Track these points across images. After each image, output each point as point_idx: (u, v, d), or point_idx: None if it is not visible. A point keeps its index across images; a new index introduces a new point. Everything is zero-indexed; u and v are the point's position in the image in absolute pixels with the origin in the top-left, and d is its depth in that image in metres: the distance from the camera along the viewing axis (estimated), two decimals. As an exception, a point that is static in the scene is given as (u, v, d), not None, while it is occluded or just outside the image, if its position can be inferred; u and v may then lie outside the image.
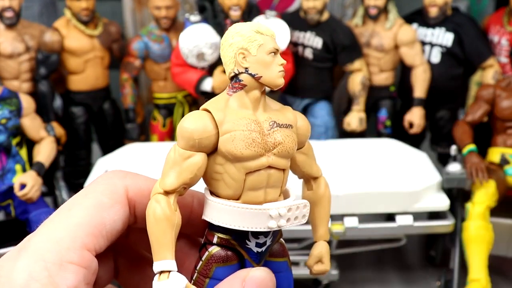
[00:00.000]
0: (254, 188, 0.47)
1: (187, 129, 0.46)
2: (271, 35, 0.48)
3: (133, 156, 1.70)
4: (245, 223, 0.46)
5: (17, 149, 1.64)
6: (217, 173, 0.47)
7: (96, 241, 0.45)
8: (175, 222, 0.46)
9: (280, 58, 0.48)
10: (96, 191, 0.47)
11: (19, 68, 1.79)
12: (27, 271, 0.41)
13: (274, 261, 0.50)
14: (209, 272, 0.47)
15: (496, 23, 1.97)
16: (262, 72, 0.47)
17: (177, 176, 0.46)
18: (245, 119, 0.46)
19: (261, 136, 0.46)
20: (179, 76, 1.84)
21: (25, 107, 1.64)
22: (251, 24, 0.48)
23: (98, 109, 1.96)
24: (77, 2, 1.83)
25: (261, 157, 0.46)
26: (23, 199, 1.54)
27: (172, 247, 0.45)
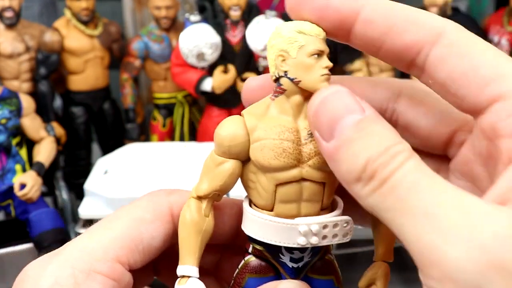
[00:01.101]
0: (286, 201, 0.44)
1: (219, 135, 0.44)
2: (315, 35, 0.43)
3: (133, 156, 1.70)
4: (274, 237, 0.44)
5: (17, 149, 1.64)
6: (251, 181, 0.45)
7: (131, 255, 0.44)
8: (202, 228, 0.45)
9: (325, 60, 0.43)
10: (138, 206, 0.46)
11: (19, 68, 1.79)
12: (54, 276, 0.41)
13: (317, 279, 0.47)
14: (242, 281, 0.46)
15: (496, 23, 1.97)
16: (301, 76, 0.43)
17: (208, 182, 0.45)
18: (279, 126, 0.43)
19: (294, 146, 0.43)
20: (179, 76, 1.84)
21: (25, 107, 1.64)
22: (295, 23, 0.44)
23: (98, 109, 1.96)
24: (77, 2, 1.83)
25: (293, 169, 0.43)
26: (23, 199, 1.54)
27: (195, 252, 0.44)
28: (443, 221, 0.33)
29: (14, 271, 0.44)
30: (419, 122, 0.46)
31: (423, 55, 0.40)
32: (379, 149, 0.36)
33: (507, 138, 0.36)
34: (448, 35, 0.40)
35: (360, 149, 0.37)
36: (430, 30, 0.40)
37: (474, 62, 0.38)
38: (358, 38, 0.42)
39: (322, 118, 0.39)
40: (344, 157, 0.38)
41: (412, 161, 0.36)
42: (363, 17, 0.41)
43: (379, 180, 0.36)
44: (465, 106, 0.40)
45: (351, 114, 0.38)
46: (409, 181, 0.35)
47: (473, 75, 0.38)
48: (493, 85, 0.37)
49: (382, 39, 0.41)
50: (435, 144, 0.46)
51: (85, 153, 1.97)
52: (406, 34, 0.40)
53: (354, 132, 0.37)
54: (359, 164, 0.37)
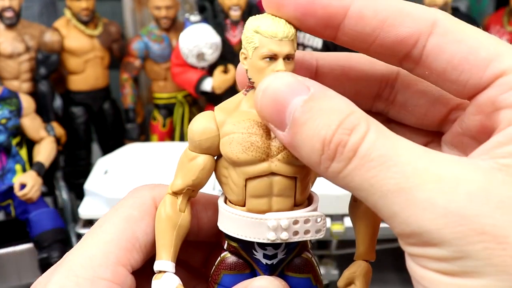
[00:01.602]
0: (256, 196, 0.43)
1: (191, 130, 0.44)
2: (271, 36, 0.41)
3: (133, 156, 1.70)
4: (245, 232, 0.43)
5: (17, 149, 1.64)
6: (224, 176, 0.45)
7: (130, 255, 0.44)
8: (177, 223, 0.45)
9: (279, 64, 0.41)
10: (125, 205, 0.46)
11: (19, 68, 1.79)
12: (59, 286, 0.41)
13: (293, 277, 0.46)
14: (218, 278, 0.46)
15: (496, 23, 1.97)
16: (254, 78, 0.42)
17: (182, 177, 0.45)
18: (248, 120, 0.42)
19: (263, 140, 0.42)
20: (179, 76, 1.84)
21: (25, 107, 1.64)
22: (257, 20, 0.42)
23: (98, 109, 1.96)
24: (77, 2, 1.83)
25: (261, 163, 0.42)
26: (23, 199, 1.55)
27: (171, 248, 0.44)
28: (417, 194, 0.33)
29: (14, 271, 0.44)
30: (417, 101, 0.45)
31: (419, 46, 0.40)
32: (332, 126, 0.35)
33: (507, 108, 0.36)
34: (441, 24, 0.39)
35: (314, 129, 0.36)
36: (423, 21, 0.39)
37: (472, 46, 0.38)
38: (347, 35, 0.41)
39: (269, 109, 0.38)
40: (301, 142, 0.37)
41: (373, 131, 0.35)
42: (353, 12, 0.40)
43: (343, 159, 0.35)
44: (466, 92, 0.39)
45: (297, 96, 0.37)
46: (375, 156, 0.34)
47: (473, 58, 0.38)
48: (494, 64, 0.37)
49: (375, 34, 0.40)
50: (431, 122, 0.46)
51: (85, 153, 1.97)
52: (400, 27, 0.39)
53: (303, 114, 0.36)
54: (316, 146, 0.36)
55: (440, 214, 0.32)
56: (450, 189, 0.32)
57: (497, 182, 0.33)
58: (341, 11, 0.40)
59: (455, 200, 0.32)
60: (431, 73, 0.40)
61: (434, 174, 0.33)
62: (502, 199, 0.32)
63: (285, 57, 0.42)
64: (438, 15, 0.40)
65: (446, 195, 0.32)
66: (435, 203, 0.32)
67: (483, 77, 0.38)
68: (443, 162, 0.34)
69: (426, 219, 0.33)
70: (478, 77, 0.38)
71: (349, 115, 0.35)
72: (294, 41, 0.42)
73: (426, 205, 0.33)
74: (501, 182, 0.33)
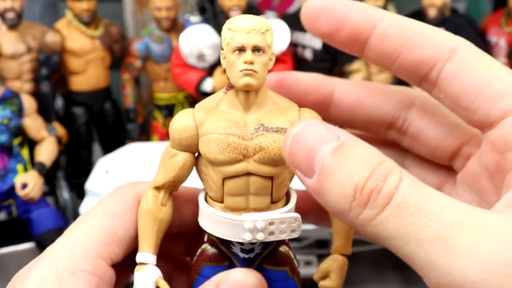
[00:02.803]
0: (233, 194, 0.44)
1: (171, 127, 0.45)
2: (239, 30, 0.42)
3: (133, 156, 1.71)
4: (223, 232, 0.45)
5: (18, 149, 1.65)
6: (203, 173, 0.46)
7: (110, 249, 0.45)
8: (159, 217, 0.46)
9: (246, 55, 0.42)
10: (107, 201, 0.48)
11: (21, 68, 1.80)
12: (39, 278, 0.42)
13: (270, 269, 0.47)
14: (198, 269, 0.47)
15: (495, 24, 1.97)
16: (229, 73, 0.44)
17: (163, 173, 0.46)
18: (226, 121, 0.43)
19: (240, 141, 0.43)
20: (180, 77, 1.85)
21: (26, 108, 1.65)
22: (230, 20, 0.44)
23: (99, 109, 1.97)
24: (78, 3, 1.84)
25: (238, 163, 0.43)
26: (24, 198, 1.55)
27: (152, 241, 0.46)
28: (458, 242, 0.32)
29: (16, 270, 0.45)
30: (429, 132, 0.46)
31: (436, 69, 0.41)
32: (366, 172, 0.35)
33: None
34: (461, 52, 0.40)
35: (345, 176, 0.35)
36: (444, 46, 0.41)
37: (487, 77, 0.39)
38: (373, 51, 0.43)
39: (298, 155, 0.38)
40: (330, 188, 0.36)
41: (406, 179, 0.35)
42: (379, 31, 0.42)
43: (377, 206, 0.34)
44: (476, 119, 0.40)
45: (327, 143, 0.37)
46: (412, 204, 0.33)
47: (486, 89, 0.39)
48: (505, 99, 0.38)
49: (397, 53, 0.42)
50: (442, 154, 0.47)
51: (86, 153, 1.98)
52: (421, 49, 0.41)
53: (333, 161, 0.36)
54: (347, 193, 0.35)
55: (484, 264, 0.31)
56: (493, 238, 0.32)
57: None
58: (368, 28, 0.42)
59: (500, 249, 0.31)
60: (446, 97, 0.41)
61: (474, 222, 0.32)
62: None
63: (254, 49, 0.42)
64: (460, 43, 0.41)
65: (489, 244, 0.31)
66: (479, 252, 0.31)
67: (493, 109, 0.38)
68: (480, 213, 0.33)
69: (469, 268, 0.31)
70: (489, 108, 0.39)
71: (381, 162, 0.35)
72: (265, 34, 0.43)
73: (469, 254, 0.31)
74: None
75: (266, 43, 0.43)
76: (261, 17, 0.44)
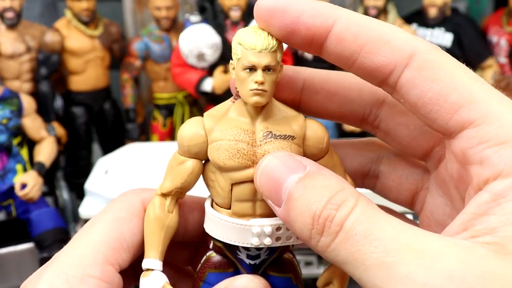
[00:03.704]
0: (241, 200, 0.45)
1: (180, 135, 0.46)
2: (251, 49, 0.43)
3: (133, 156, 1.70)
4: (230, 237, 0.45)
5: (18, 149, 1.64)
6: (211, 180, 0.46)
7: (118, 255, 0.45)
8: (165, 224, 0.46)
9: (257, 75, 0.43)
10: (113, 207, 0.48)
11: (20, 68, 1.80)
12: (49, 284, 0.42)
13: (275, 276, 0.48)
14: (203, 275, 0.47)
15: (495, 24, 1.97)
16: (239, 87, 0.45)
17: (170, 180, 0.47)
18: (236, 128, 0.44)
19: (249, 147, 0.44)
20: (179, 77, 1.85)
21: (26, 107, 1.65)
22: (241, 32, 0.44)
23: (98, 109, 1.96)
24: (77, 2, 1.84)
25: (247, 169, 0.44)
26: (24, 199, 1.55)
27: (159, 247, 0.46)
28: (397, 269, 0.33)
29: (15, 270, 0.45)
30: (400, 132, 0.47)
31: (395, 76, 0.40)
32: (322, 201, 0.36)
33: (477, 165, 0.37)
34: (419, 57, 0.39)
35: (306, 205, 0.37)
36: (401, 51, 0.40)
37: (444, 87, 0.38)
38: (330, 54, 0.42)
39: (267, 186, 0.40)
40: (294, 217, 0.38)
41: (359, 208, 0.36)
42: (333, 35, 0.41)
43: (330, 234, 0.36)
44: (435, 128, 0.40)
45: (293, 174, 0.39)
46: (359, 231, 0.35)
47: (443, 101, 0.38)
48: (463, 111, 0.37)
49: (353, 58, 0.41)
50: (415, 153, 0.47)
51: (85, 153, 1.98)
52: (377, 55, 0.40)
53: (297, 191, 0.38)
54: (307, 221, 0.37)
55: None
56: (429, 265, 0.33)
57: (478, 257, 0.33)
58: (323, 32, 0.41)
59: (434, 277, 0.32)
60: (405, 103, 0.41)
61: (414, 249, 0.33)
62: (482, 274, 0.32)
63: (264, 68, 0.43)
64: (419, 47, 0.40)
65: (425, 272, 0.32)
66: (415, 279, 0.32)
67: (450, 120, 0.38)
68: (424, 238, 0.34)
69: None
70: (446, 120, 0.38)
71: (339, 191, 0.37)
72: (276, 52, 0.43)
73: (406, 280, 0.33)
74: (483, 257, 0.33)
75: (276, 61, 0.44)
76: (268, 35, 0.43)
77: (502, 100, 0.37)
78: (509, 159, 0.35)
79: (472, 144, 0.37)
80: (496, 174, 0.35)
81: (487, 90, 0.38)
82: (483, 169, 0.36)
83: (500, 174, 0.35)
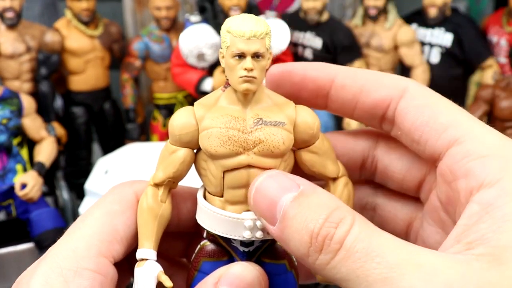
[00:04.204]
0: (234, 187, 0.45)
1: (171, 124, 0.46)
2: (240, 36, 0.44)
3: (133, 156, 1.70)
4: (222, 229, 0.46)
5: (18, 149, 1.65)
6: (202, 168, 0.47)
7: (112, 247, 0.45)
8: (159, 213, 0.47)
9: (246, 62, 0.44)
10: (106, 200, 0.48)
11: (20, 68, 1.80)
12: (44, 277, 0.42)
13: (269, 263, 0.48)
14: (197, 265, 0.48)
15: (495, 24, 1.97)
16: (229, 76, 0.45)
17: (163, 169, 0.47)
18: (226, 115, 0.45)
19: (240, 134, 0.44)
20: (180, 77, 1.85)
21: (26, 107, 1.65)
22: (229, 20, 0.45)
23: (98, 109, 1.96)
24: (77, 2, 1.84)
25: (238, 156, 0.44)
26: (24, 199, 1.55)
27: (153, 237, 0.46)
28: (401, 283, 0.34)
29: (15, 270, 0.45)
30: (395, 166, 0.50)
31: (392, 108, 0.46)
32: (320, 220, 0.37)
33: (462, 178, 0.39)
34: (411, 90, 0.45)
35: (302, 223, 0.38)
36: (396, 86, 0.46)
37: (434, 111, 0.43)
38: (335, 102, 0.48)
39: (261, 205, 0.41)
40: (290, 235, 0.39)
41: (357, 225, 0.37)
42: (337, 83, 0.47)
43: (330, 251, 0.37)
44: (427, 153, 0.43)
45: (287, 193, 0.40)
46: (360, 248, 0.36)
47: (432, 122, 0.43)
48: (449, 131, 0.41)
49: (355, 99, 0.47)
50: (409, 186, 0.50)
51: (85, 153, 1.98)
52: (375, 92, 0.46)
53: (292, 209, 0.39)
54: (304, 239, 0.38)
55: None
56: (430, 278, 0.34)
57: (474, 270, 0.34)
58: (327, 83, 0.47)
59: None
60: (402, 133, 0.46)
61: (414, 264, 0.35)
62: (480, 286, 0.33)
63: (253, 55, 0.44)
64: (410, 84, 0.46)
65: (427, 285, 0.34)
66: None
67: (438, 140, 0.42)
68: (422, 253, 0.36)
69: None
70: (435, 140, 0.42)
71: (335, 209, 0.38)
72: (264, 39, 0.44)
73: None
74: (479, 269, 0.34)
75: (265, 48, 0.45)
76: (260, 19, 0.45)
77: (481, 124, 0.42)
78: (491, 169, 0.38)
79: (457, 159, 0.40)
80: (480, 184, 0.38)
81: (469, 116, 0.43)
82: (468, 180, 0.39)
83: (483, 183, 0.37)
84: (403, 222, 0.51)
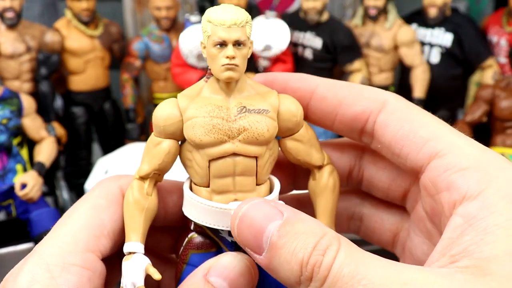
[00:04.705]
0: (220, 176, 0.46)
1: (155, 116, 0.46)
2: (220, 24, 0.44)
3: (133, 156, 1.70)
4: (210, 220, 0.46)
5: (18, 149, 1.64)
6: (188, 159, 0.47)
7: (99, 242, 0.45)
8: (145, 206, 0.47)
9: (228, 50, 0.44)
10: (92, 195, 0.48)
11: (20, 68, 1.80)
12: (31, 274, 0.42)
13: None
14: (186, 258, 0.48)
15: (495, 24, 1.97)
16: (210, 65, 0.46)
17: (148, 162, 0.47)
18: (210, 105, 0.45)
19: (224, 123, 0.45)
20: (179, 77, 1.85)
21: (26, 107, 1.65)
22: (210, 10, 0.45)
23: (98, 109, 1.96)
24: (77, 2, 1.84)
25: (223, 144, 0.45)
26: (24, 199, 1.55)
27: (140, 230, 0.46)
28: None
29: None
30: (380, 176, 0.51)
31: (371, 121, 0.46)
32: (308, 248, 0.38)
33: (445, 191, 0.40)
34: (391, 103, 0.46)
35: (291, 252, 0.38)
36: (375, 100, 0.46)
37: (414, 124, 0.44)
38: (314, 113, 0.49)
39: (246, 234, 0.41)
40: (279, 265, 0.39)
41: (343, 250, 0.38)
42: (317, 95, 0.48)
43: (319, 279, 0.37)
44: (408, 166, 0.44)
45: (272, 222, 0.40)
46: (346, 272, 0.36)
47: (413, 136, 0.43)
48: (429, 144, 0.42)
49: (335, 112, 0.48)
50: (395, 196, 0.50)
51: (85, 153, 1.98)
52: (354, 105, 0.47)
53: (280, 238, 0.39)
54: (294, 269, 0.38)
55: None
56: None
57: (458, 282, 0.35)
58: (308, 94, 0.49)
59: None
60: (382, 146, 0.46)
61: (399, 282, 0.35)
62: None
63: (235, 43, 0.45)
64: (389, 97, 0.46)
65: None
66: None
67: (419, 153, 0.43)
68: (407, 271, 0.36)
69: None
70: (416, 153, 0.43)
71: (322, 237, 0.39)
72: (245, 27, 0.45)
73: None
74: (463, 281, 0.35)
75: (246, 36, 0.45)
76: (239, 9, 0.45)
77: (461, 136, 0.42)
78: (472, 181, 0.38)
79: (439, 172, 0.41)
80: (462, 196, 0.38)
81: (449, 128, 0.43)
82: (451, 193, 0.39)
83: (465, 196, 0.38)
84: (390, 232, 0.52)
